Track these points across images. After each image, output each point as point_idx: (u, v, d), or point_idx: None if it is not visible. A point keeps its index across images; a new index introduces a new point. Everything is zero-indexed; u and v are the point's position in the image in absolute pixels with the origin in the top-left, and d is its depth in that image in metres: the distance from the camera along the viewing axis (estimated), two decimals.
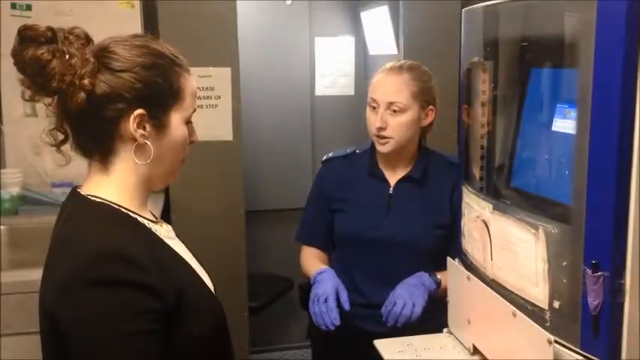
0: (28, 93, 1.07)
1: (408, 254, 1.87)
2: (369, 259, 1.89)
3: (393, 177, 1.96)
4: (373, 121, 1.87)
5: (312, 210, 2.08)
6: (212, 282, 1.26)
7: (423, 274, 1.82)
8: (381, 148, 1.89)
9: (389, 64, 1.93)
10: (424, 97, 1.88)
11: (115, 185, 1.13)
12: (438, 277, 1.82)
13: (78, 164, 1.19)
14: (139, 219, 1.14)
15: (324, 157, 2.08)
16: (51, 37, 1.06)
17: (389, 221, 1.91)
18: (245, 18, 3.01)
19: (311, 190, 2.10)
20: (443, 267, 1.66)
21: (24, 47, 1.05)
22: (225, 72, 2.68)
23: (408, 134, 1.88)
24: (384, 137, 1.86)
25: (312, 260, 2.02)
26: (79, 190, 1.15)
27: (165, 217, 2.64)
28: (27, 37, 1.05)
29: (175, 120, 1.14)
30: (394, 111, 1.84)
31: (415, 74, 1.88)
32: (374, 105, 1.88)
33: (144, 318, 1.01)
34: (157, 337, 1.03)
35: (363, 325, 1.93)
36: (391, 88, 1.86)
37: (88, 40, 1.11)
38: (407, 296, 1.75)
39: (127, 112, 1.08)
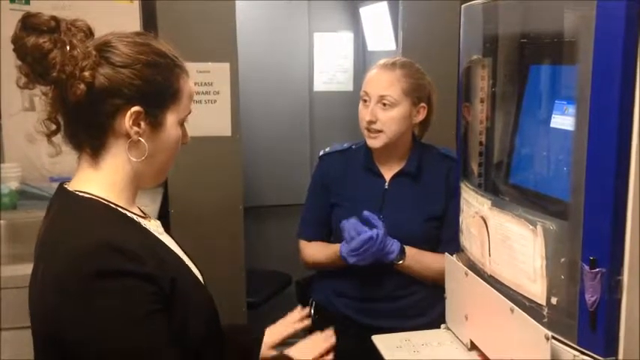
0: (23, 80, 1.07)
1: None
2: None
3: (387, 172, 1.97)
4: (364, 114, 1.90)
5: (312, 205, 2.08)
6: (203, 277, 1.27)
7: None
8: (371, 142, 1.91)
9: (382, 61, 1.95)
10: (416, 94, 1.89)
11: (104, 181, 1.12)
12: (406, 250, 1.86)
13: (76, 159, 1.18)
14: (129, 214, 1.14)
15: (321, 152, 2.09)
16: (54, 26, 1.06)
17: (385, 216, 1.92)
18: (244, 13, 3.01)
19: (310, 186, 2.11)
20: None
21: (26, 35, 1.04)
22: (224, 67, 2.68)
23: (398, 129, 1.89)
24: (374, 131, 1.88)
25: (324, 245, 2.02)
26: (66, 186, 1.14)
27: (164, 212, 2.64)
28: (29, 24, 1.05)
29: (171, 120, 1.14)
30: (384, 104, 1.86)
31: (407, 71, 1.89)
32: (365, 98, 1.90)
33: (149, 299, 1.02)
34: (165, 317, 1.05)
35: (360, 319, 1.94)
36: (383, 83, 1.88)
37: (90, 33, 1.11)
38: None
39: (123, 108, 1.08)
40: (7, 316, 1.96)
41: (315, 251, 2.04)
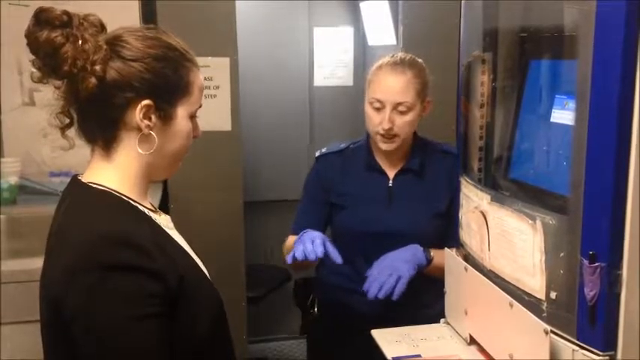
0: (36, 75, 1.08)
1: (410, 244, 1.88)
2: (371, 251, 1.89)
3: (391, 170, 1.96)
4: (377, 121, 1.85)
5: (306, 206, 2.05)
6: (208, 272, 1.27)
7: (416, 247, 1.81)
8: (386, 147, 1.87)
9: (389, 60, 1.89)
10: (424, 92, 1.88)
11: (117, 173, 1.13)
12: (432, 254, 1.82)
13: (76, 153, 1.19)
14: (140, 207, 1.15)
15: (318, 153, 2.05)
16: (66, 21, 1.07)
17: (390, 214, 1.92)
18: (244, 7, 3.00)
19: (304, 186, 2.07)
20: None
21: (39, 29, 1.06)
22: (224, 62, 2.68)
23: (412, 130, 1.90)
24: (390, 136, 1.85)
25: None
26: (79, 178, 1.16)
27: (164, 207, 2.64)
28: (42, 19, 1.06)
29: (181, 113, 1.15)
30: (401, 111, 1.83)
31: (416, 71, 1.86)
32: (378, 106, 1.84)
33: (151, 301, 1.02)
34: (164, 322, 1.04)
35: (361, 315, 1.93)
36: (397, 89, 1.83)
37: (102, 28, 1.12)
38: (392, 269, 1.72)
39: (134, 101, 1.10)
40: (6, 310, 1.97)
41: (288, 245, 1.97)
